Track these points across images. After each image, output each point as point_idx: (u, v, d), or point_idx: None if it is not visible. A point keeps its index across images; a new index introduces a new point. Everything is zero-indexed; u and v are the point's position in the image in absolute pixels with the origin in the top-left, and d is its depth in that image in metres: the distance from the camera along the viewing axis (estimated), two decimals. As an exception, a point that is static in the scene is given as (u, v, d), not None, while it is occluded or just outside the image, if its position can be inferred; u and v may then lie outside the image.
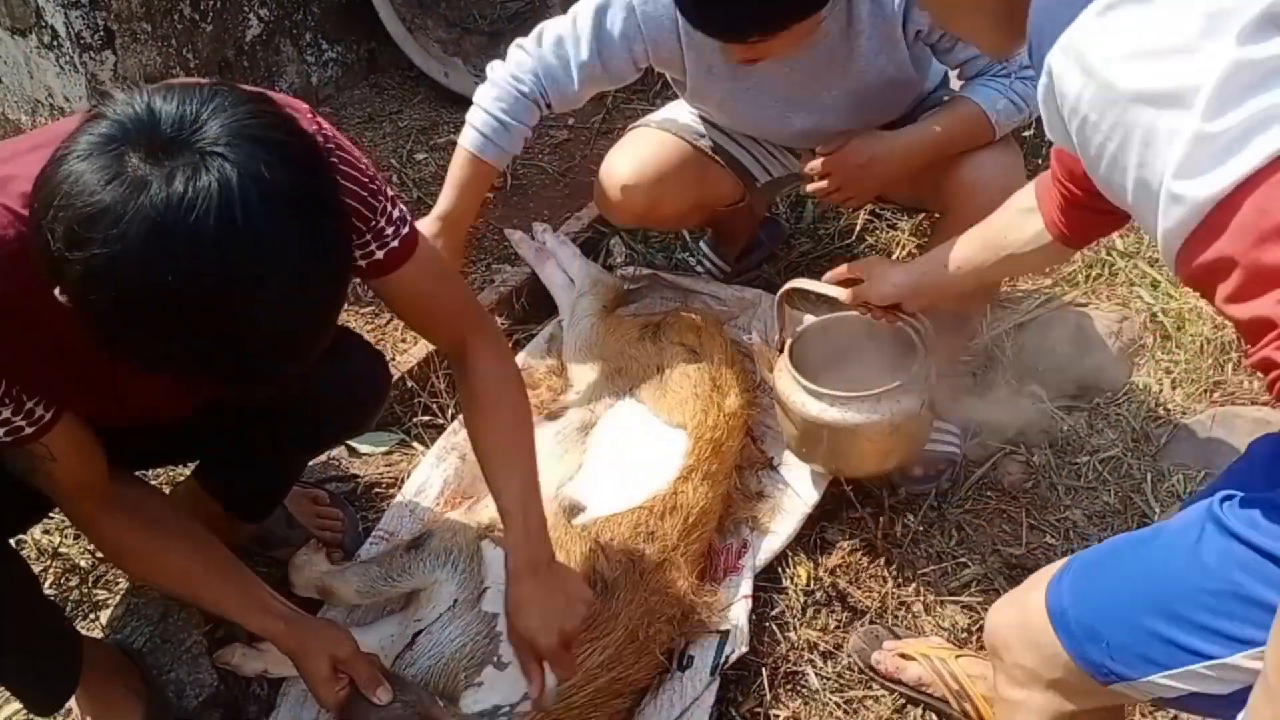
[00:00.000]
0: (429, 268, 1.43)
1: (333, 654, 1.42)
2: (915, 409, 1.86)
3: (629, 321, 2.28)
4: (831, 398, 1.86)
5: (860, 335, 2.03)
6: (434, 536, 1.74)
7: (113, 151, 0.94)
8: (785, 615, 1.89)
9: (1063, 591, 1.19)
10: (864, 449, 1.91)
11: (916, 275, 1.78)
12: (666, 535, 1.81)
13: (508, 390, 1.54)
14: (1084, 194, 1.39)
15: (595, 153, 2.97)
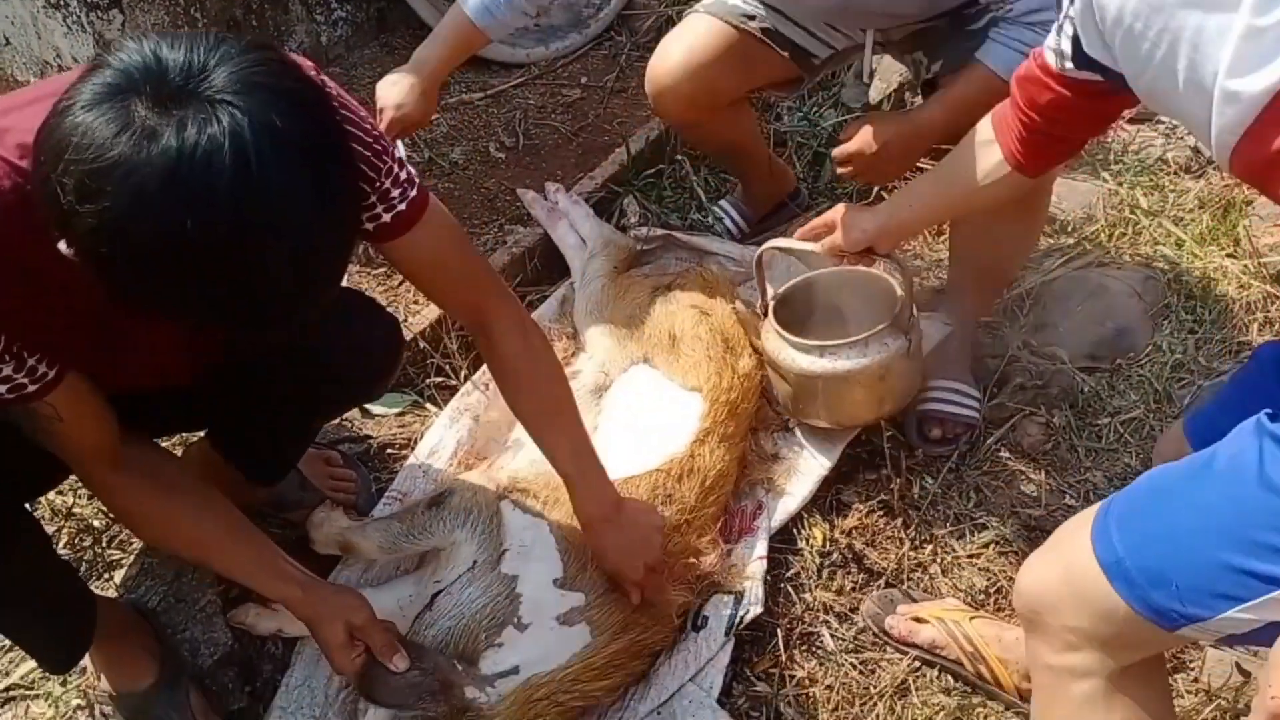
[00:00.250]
0: (440, 233, 1.39)
1: (348, 620, 1.41)
2: (903, 350, 1.87)
3: (641, 283, 2.25)
4: (820, 348, 1.88)
5: (842, 289, 2.04)
6: (454, 495, 1.74)
7: (119, 101, 0.93)
8: (801, 577, 1.87)
9: (1112, 540, 1.12)
10: (858, 396, 1.91)
11: (884, 218, 1.79)
12: (684, 498, 1.80)
13: (536, 355, 1.53)
14: (1044, 121, 1.45)
15: (608, 112, 2.93)
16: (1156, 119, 2.85)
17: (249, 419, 1.57)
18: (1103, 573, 1.11)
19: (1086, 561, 1.13)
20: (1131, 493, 1.16)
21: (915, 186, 1.75)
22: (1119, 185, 2.63)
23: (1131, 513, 1.13)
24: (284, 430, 1.63)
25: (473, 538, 1.66)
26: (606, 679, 1.57)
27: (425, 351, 2.08)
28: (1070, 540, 1.19)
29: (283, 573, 1.44)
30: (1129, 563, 1.10)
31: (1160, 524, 1.11)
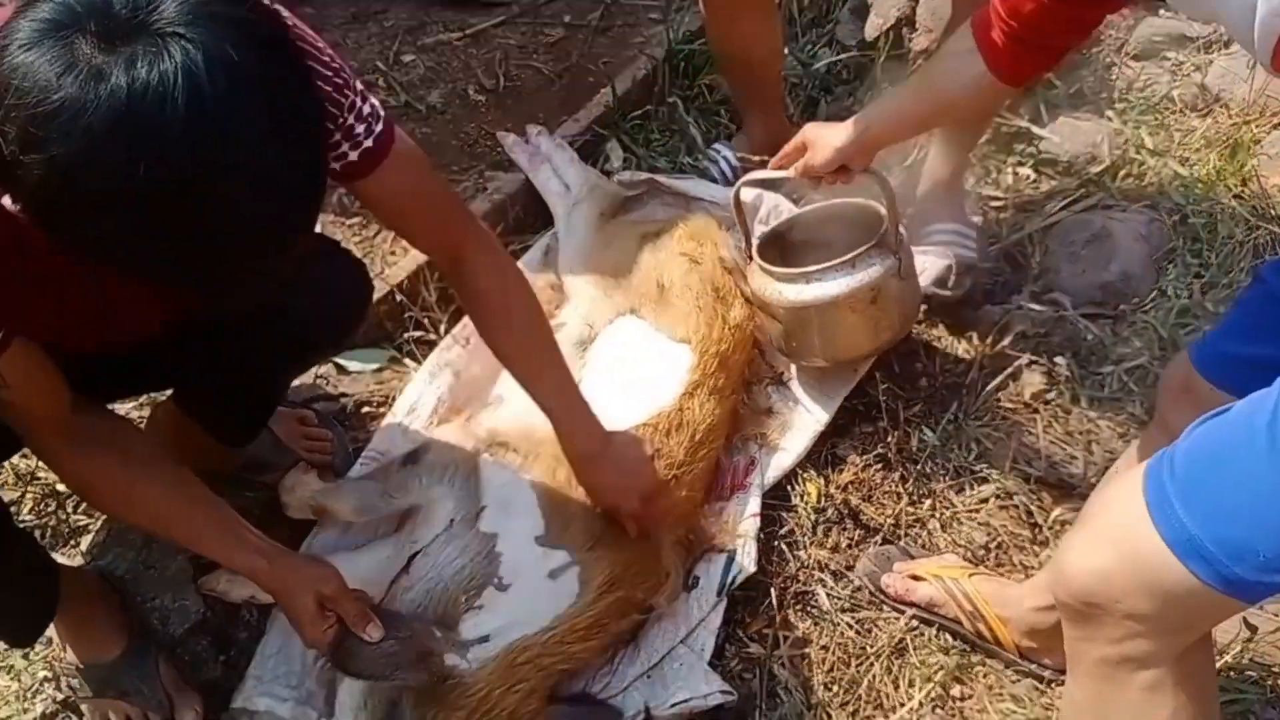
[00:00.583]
0: (409, 169, 1.32)
1: (319, 591, 1.35)
2: (893, 269, 1.81)
3: (628, 230, 2.16)
4: (805, 275, 1.82)
5: (827, 224, 1.98)
6: (430, 450, 1.67)
7: (61, 38, 0.86)
8: (795, 534, 1.82)
9: (1178, 516, 1.00)
10: (852, 323, 1.84)
11: (858, 133, 1.71)
12: (672, 453, 1.73)
13: (513, 290, 1.47)
14: (1025, 29, 1.43)
15: (593, 52, 2.81)
16: (1161, 55, 2.74)
17: (213, 377, 1.48)
18: (1172, 552, 1.00)
19: (1150, 542, 1.01)
20: (1188, 461, 1.03)
21: (890, 98, 1.69)
22: (1123, 124, 2.54)
23: (1194, 484, 1.01)
24: (251, 387, 1.55)
25: (449, 494, 1.59)
26: (593, 640, 1.51)
27: (403, 304, 1.99)
28: (1120, 518, 1.07)
29: (247, 543, 1.37)
30: (1203, 538, 0.98)
31: (1232, 492, 1.00)
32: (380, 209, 1.39)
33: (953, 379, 2.07)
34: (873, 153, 1.76)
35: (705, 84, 2.61)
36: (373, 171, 1.27)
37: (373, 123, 1.25)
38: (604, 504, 1.57)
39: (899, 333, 1.93)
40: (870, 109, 1.72)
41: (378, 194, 1.31)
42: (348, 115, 1.21)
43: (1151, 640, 1.06)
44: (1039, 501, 1.87)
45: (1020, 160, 2.49)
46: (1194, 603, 1.01)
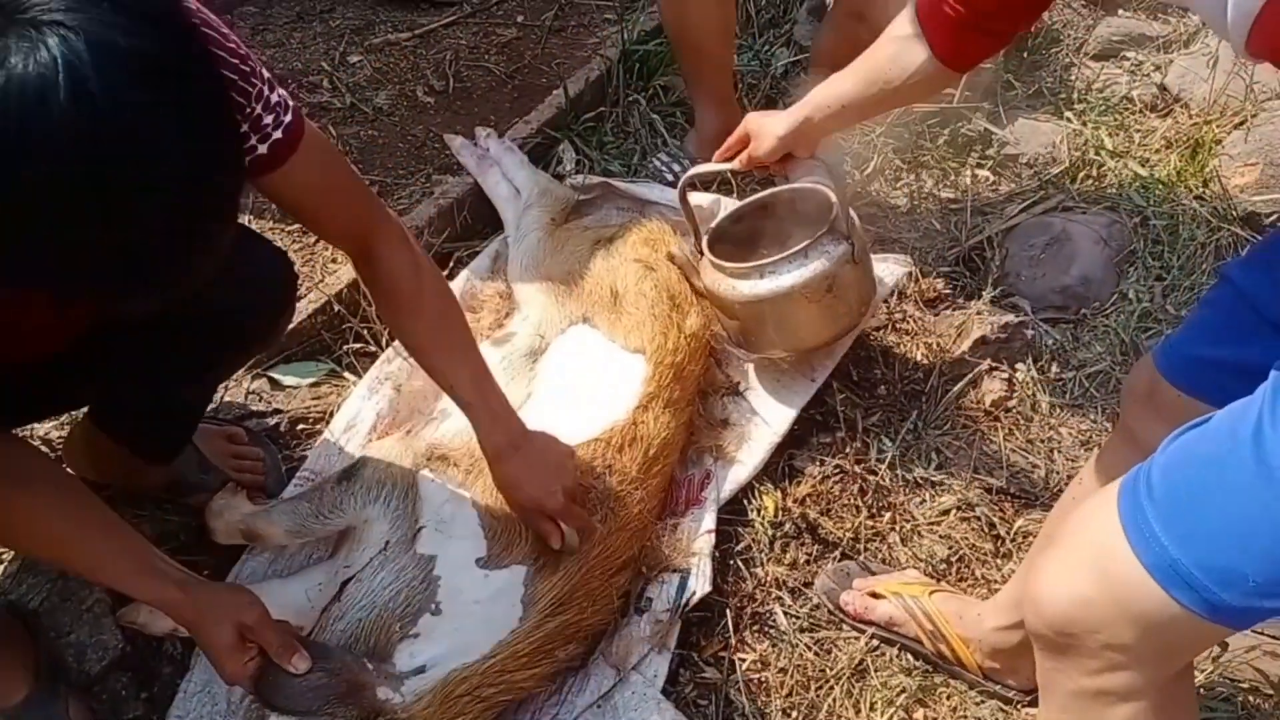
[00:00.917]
0: (319, 159, 1.26)
1: (238, 620, 1.25)
2: (846, 255, 1.77)
3: (580, 235, 2.09)
4: (759, 269, 1.78)
5: (776, 213, 1.94)
6: (366, 466, 1.58)
7: None
8: (751, 550, 1.75)
9: (1159, 541, 0.93)
10: (810, 314, 1.80)
11: (800, 121, 1.68)
12: (625, 469, 1.65)
13: (425, 279, 1.41)
14: (972, 14, 1.42)
15: (546, 52, 2.74)
16: (1121, 55, 2.72)
17: (125, 386, 1.38)
18: (1152, 578, 0.93)
19: (1128, 567, 0.94)
20: (1166, 478, 0.96)
21: (832, 85, 1.65)
22: (1083, 125, 2.51)
23: (1173, 503, 0.94)
24: (168, 395, 1.45)
25: (385, 514, 1.51)
26: (535, 668, 1.43)
27: (341, 315, 1.90)
28: (1096, 541, 0.99)
29: (156, 571, 1.26)
30: (1186, 562, 0.92)
31: (1216, 512, 0.92)
32: (289, 203, 1.30)
33: (912, 386, 2.02)
34: (816, 140, 1.73)
35: (661, 85, 2.55)
36: (282, 165, 1.20)
37: (281, 113, 1.18)
38: (521, 504, 1.48)
39: (857, 318, 1.89)
40: (813, 95, 1.68)
41: (287, 188, 1.24)
42: (255, 105, 1.14)
43: (1132, 671, 0.99)
44: (1000, 513, 1.82)
45: (979, 162, 2.45)
46: (1178, 631, 0.95)
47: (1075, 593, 1.00)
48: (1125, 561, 0.95)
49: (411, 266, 1.39)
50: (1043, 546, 1.47)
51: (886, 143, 2.42)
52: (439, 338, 1.42)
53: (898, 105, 1.74)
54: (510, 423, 1.47)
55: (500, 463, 1.46)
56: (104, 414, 1.51)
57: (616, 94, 2.50)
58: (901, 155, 2.42)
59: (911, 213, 2.35)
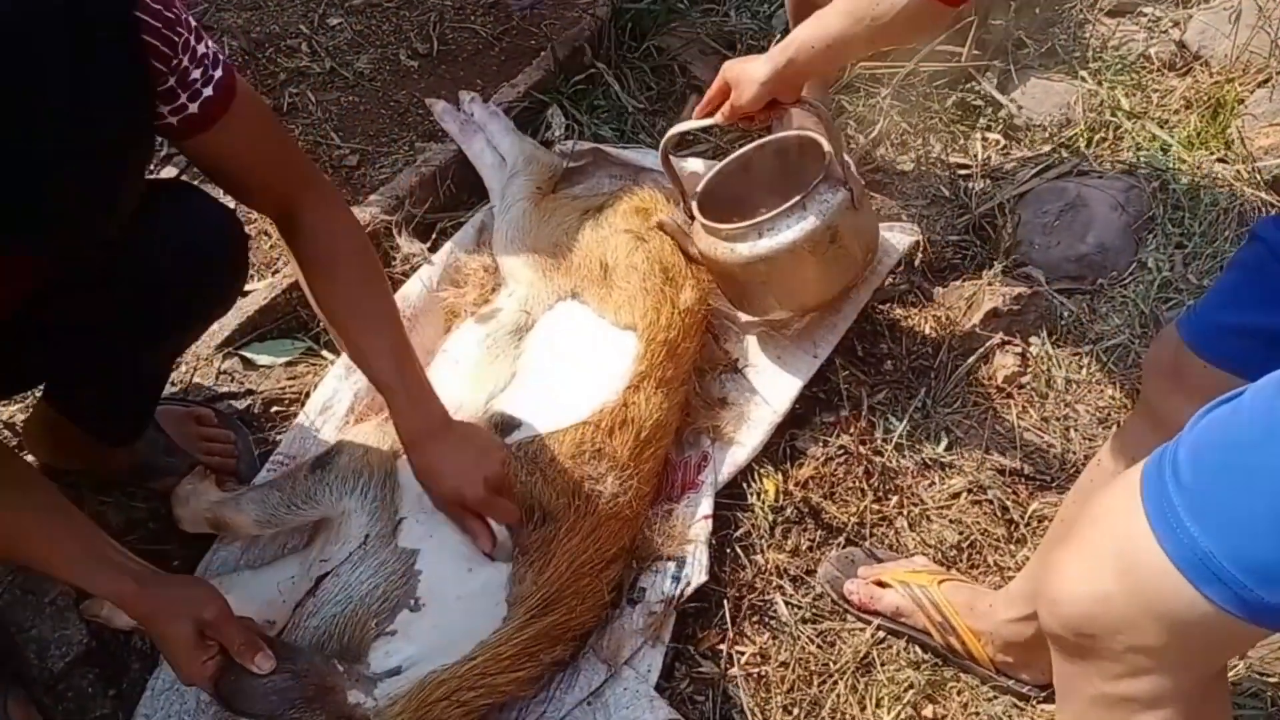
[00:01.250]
0: (252, 118, 1.18)
1: (197, 616, 1.17)
2: (846, 202, 1.67)
3: (569, 205, 1.99)
4: (756, 227, 1.68)
5: (764, 166, 1.85)
6: (342, 453, 1.50)
7: None
8: (751, 536, 1.66)
9: (1189, 534, 0.84)
10: (815, 267, 1.70)
11: (781, 64, 1.58)
12: (616, 453, 1.56)
13: (350, 243, 1.32)
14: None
15: (536, 13, 2.61)
16: (1138, 10, 2.59)
17: (76, 357, 1.29)
18: (1181, 574, 0.84)
19: (1154, 562, 0.85)
20: (1195, 461, 0.86)
21: (816, 22, 1.55)
22: (1098, 85, 2.38)
23: (1204, 489, 0.84)
24: (122, 369, 1.35)
25: (363, 505, 1.42)
26: (518, 671, 1.35)
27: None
28: (1117, 533, 0.90)
29: (109, 562, 1.18)
30: (1219, 556, 0.82)
31: (1253, 501, 0.81)
32: (215, 165, 1.21)
33: (920, 362, 1.92)
34: (801, 84, 1.63)
35: (655, 45, 2.43)
36: (214, 125, 1.12)
37: (210, 67, 1.10)
38: (442, 496, 1.38)
39: (863, 268, 1.80)
40: (795, 35, 1.58)
41: (216, 150, 1.16)
42: (181, 56, 1.06)
43: (1158, 676, 0.90)
44: (1014, 496, 1.73)
45: (989, 125, 2.33)
46: (1210, 632, 0.85)
47: (1094, 589, 0.91)
48: (1149, 554, 0.85)
49: (338, 233, 1.30)
50: (1058, 534, 1.38)
51: (893, 106, 2.30)
52: (364, 309, 1.32)
53: (887, 44, 1.65)
54: (430, 407, 1.37)
55: (417, 451, 1.36)
56: (59, 393, 1.42)
57: (608, 56, 2.38)
58: (908, 119, 2.30)
59: (919, 179, 2.24)
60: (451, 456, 1.35)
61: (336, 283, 1.31)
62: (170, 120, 1.09)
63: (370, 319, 1.33)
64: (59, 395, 1.42)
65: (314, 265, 1.31)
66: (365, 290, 1.33)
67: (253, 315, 1.74)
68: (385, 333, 1.34)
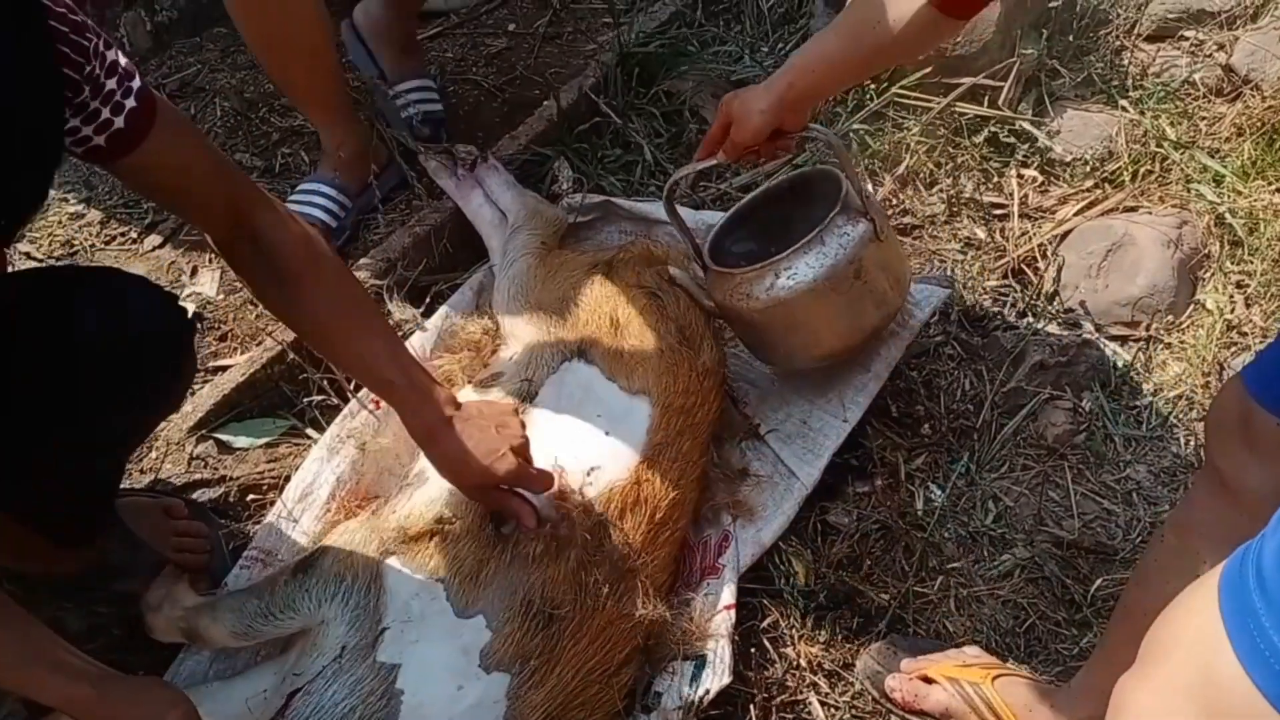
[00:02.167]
0: (181, 129, 1.12)
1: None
2: (868, 234, 1.53)
3: (575, 260, 1.84)
4: (773, 267, 1.54)
5: (780, 206, 1.71)
6: (326, 555, 1.35)
7: None
8: (779, 627, 1.49)
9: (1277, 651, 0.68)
10: (840, 306, 1.56)
11: (781, 91, 1.47)
12: (627, 539, 1.40)
13: (315, 246, 1.24)
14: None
15: (540, 62, 2.50)
16: (1179, 34, 2.43)
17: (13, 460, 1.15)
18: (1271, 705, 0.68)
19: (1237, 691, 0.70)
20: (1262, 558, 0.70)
21: (815, 44, 1.46)
22: (1140, 114, 2.23)
23: None
24: (62, 463, 1.21)
25: (343, 614, 1.27)
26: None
27: (297, 365, 1.66)
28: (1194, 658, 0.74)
29: (64, 666, 1.04)
30: None
31: None
32: (154, 183, 1.14)
33: (961, 422, 1.75)
34: (805, 110, 1.52)
35: (664, 90, 2.30)
36: (144, 138, 1.05)
37: (127, 78, 1.03)
38: (471, 482, 1.28)
39: (895, 304, 1.64)
40: (794, 59, 1.47)
41: (156, 164, 1.08)
42: (93, 62, 0.99)
43: None
44: (1074, 571, 1.55)
45: (1024, 160, 2.18)
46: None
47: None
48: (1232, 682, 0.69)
49: (306, 240, 1.22)
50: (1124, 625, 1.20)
51: (919, 143, 2.15)
52: (349, 311, 1.25)
53: (891, 62, 1.59)
54: (438, 395, 1.28)
55: (435, 443, 1.27)
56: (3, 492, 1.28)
57: (614, 103, 2.26)
58: (934, 156, 2.15)
59: (950, 221, 2.08)
60: (473, 437, 1.26)
61: (316, 288, 1.22)
62: (97, 141, 1.03)
63: (359, 320, 1.25)
64: (3, 493, 1.29)
65: (285, 274, 1.21)
66: (350, 292, 1.26)
67: (230, 393, 1.61)
68: (379, 331, 1.27)
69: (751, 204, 1.73)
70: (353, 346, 1.26)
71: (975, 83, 2.17)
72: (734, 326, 1.69)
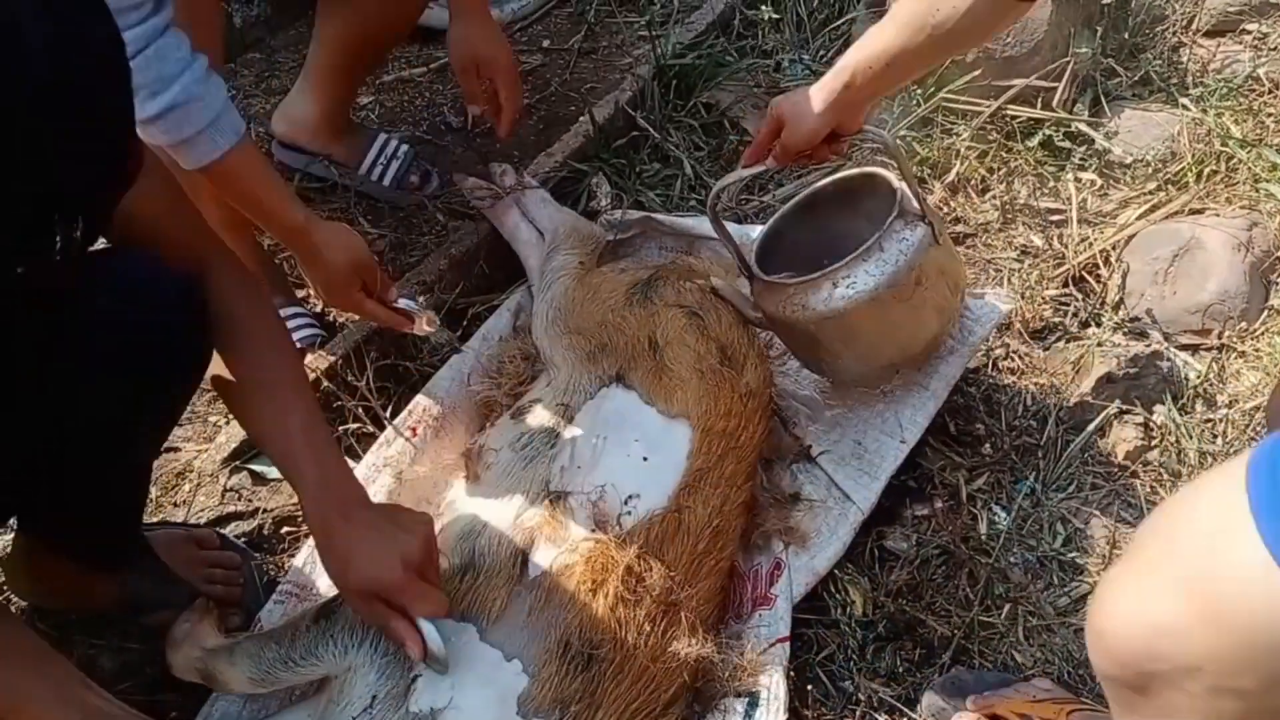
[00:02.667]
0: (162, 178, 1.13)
1: None
2: (927, 239, 1.45)
3: (615, 279, 1.78)
4: (830, 276, 1.46)
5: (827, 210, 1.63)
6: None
7: None
8: (837, 660, 1.42)
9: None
10: (903, 317, 1.48)
11: (838, 90, 1.40)
12: (669, 571, 1.33)
13: (261, 308, 1.22)
14: None
15: (575, 78, 2.46)
16: (1240, 28, 2.33)
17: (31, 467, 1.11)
18: None
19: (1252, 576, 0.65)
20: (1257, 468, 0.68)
21: (872, 39, 1.38)
22: (1203, 112, 2.13)
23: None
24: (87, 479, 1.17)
25: (372, 660, 1.20)
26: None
27: (331, 393, 1.62)
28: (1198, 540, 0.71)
29: (86, 707, 1.00)
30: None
31: None
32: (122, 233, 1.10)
33: (1024, 439, 1.66)
34: (862, 111, 1.45)
35: (702, 103, 2.25)
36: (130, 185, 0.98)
37: None
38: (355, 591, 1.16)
39: (955, 310, 1.57)
40: (850, 56, 1.40)
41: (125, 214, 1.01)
42: None
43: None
44: (1152, 597, 1.45)
45: (1081, 163, 2.09)
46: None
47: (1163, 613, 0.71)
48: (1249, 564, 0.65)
49: (241, 294, 1.20)
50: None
51: (970, 149, 2.07)
52: (271, 379, 1.18)
53: (955, 51, 1.50)
54: (345, 489, 1.18)
55: (324, 536, 1.16)
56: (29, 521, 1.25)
57: (652, 117, 2.21)
58: (987, 162, 2.07)
59: (1005, 229, 1.99)
60: (364, 540, 1.14)
61: (256, 352, 1.18)
62: None
63: (276, 390, 1.18)
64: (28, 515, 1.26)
65: (226, 333, 1.18)
66: (273, 360, 1.19)
67: (263, 423, 1.56)
68: (295, 407, 1.18)
69: (794, 210, 1.66)
70: (268, 409, 1.19)
71: (1027, 84, 2.09)
72: (786, 339, 1.62)
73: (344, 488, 1.18)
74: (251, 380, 1.18)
